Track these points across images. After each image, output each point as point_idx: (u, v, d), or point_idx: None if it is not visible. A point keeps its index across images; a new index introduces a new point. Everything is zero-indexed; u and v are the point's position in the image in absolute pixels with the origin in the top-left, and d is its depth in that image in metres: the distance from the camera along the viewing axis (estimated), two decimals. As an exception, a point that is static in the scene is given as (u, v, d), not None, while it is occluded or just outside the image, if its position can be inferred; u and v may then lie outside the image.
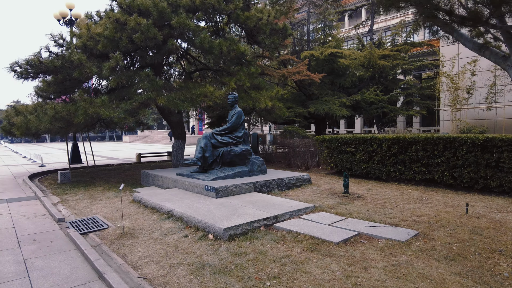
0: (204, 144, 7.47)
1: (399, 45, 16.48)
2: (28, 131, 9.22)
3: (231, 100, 7.96)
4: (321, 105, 13.37)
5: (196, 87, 9.34)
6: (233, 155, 7.41)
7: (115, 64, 8.26)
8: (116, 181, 9.38)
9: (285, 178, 7.36)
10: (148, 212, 5.64)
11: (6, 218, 5.50)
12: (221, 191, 6.13)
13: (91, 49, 9.04)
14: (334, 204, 5.98)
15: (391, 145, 8.34)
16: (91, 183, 9.10)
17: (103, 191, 7.89)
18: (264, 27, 10.80)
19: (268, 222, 4.73)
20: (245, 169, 7.48)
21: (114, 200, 6.88)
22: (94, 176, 10.66)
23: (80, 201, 6.88)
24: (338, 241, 4.00)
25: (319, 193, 7.00)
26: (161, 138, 45.31)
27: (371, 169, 8.83)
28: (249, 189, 6.60)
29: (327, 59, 14.73)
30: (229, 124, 7.74)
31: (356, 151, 9.09)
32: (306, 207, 5.39)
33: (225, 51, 9.60)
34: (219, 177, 6.96)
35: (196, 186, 6.60)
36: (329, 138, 9.64)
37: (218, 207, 5.34)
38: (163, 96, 8.30)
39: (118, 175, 10.66)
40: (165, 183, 7.72)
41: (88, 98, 7.89)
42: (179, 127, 11.90)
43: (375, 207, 5.78)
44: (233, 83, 9.64)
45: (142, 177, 8.78)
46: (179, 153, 11.87)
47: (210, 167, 7.55)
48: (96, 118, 8.02)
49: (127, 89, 9.26)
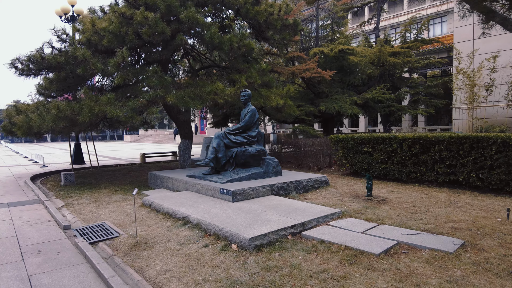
0: (217, 144, 7.06)
1: (409, 42, 16.04)
2: (30, 131, 8.81)
3: (244, 98, 7.54)
4: (331, 104, 12.95)
5: (205, 85, 8.93)
6: (248, 156, 6.99)
7: (122, 60, 7.84)
8: (122, 183, 8.96)
9: (302, 180, 6.95)
10: (161, 218, 5.23)
11: (8, 225, 5.08)
12: (238, 194, 5.71)
13: (96, 44, 8.62)
14: (360, 209, 5.57)
15: (412, 145, 7.92)
16: (96, 185, 8.68)
17: (109, 194, 7.48)
18: (275, 22, 10.38)
19: (295, 230, 4.32)
20: (260, 170, 7.06)
21: (122, 204, 6.47)
22: (98, 177, 10.25)
23: (86, 205, 6.46)
24: (378, 252, 3.58)
25: (340, 196, 6.58)
26: (163, 138, 44.91)
27: (390, 170, 8.41)
28: (266, 192, 6.18)
29: (336, 56, 14.30)
30: (243, 123, 7.32)
31: (374, 151, 8.67)
32: (332, 212, 4.98)
33: (235, 47, 9.18)
34: (234, 179, 6.55)
35: (210, 189, 6.18)
36: (344, 138, 9.22)
37: (237, 212, 4.93)
38: (172, 94, 7.88)
39: (124, 176, 10.25)
40: (175, 186, 7.30)
41: (94, 96, 7.47)
42: (186, 126, 11.48)
43: (404, 212, 5.36)
44: (244, 80, 9.22)
45: (150, 178, 8.36)
46: (186, 153, 11.46)
47: (223, 169, 7.13)
48: (102, 117, 7.60)
49: (133, 87, 8.84)
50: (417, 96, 23.97)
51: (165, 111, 12.52)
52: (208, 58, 11.40)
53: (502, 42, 11.77)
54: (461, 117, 12.56)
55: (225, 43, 8.98)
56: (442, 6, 35.37)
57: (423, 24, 15.92)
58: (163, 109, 11.46)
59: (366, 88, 16.05)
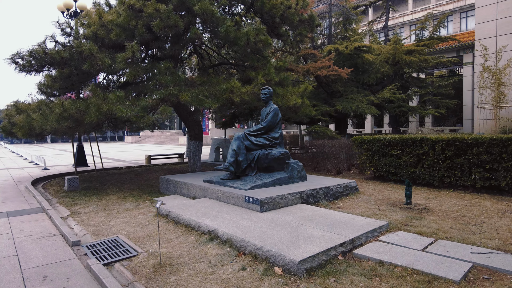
0: (237, 146, 6.42)
1: (425, 39, 15.43)
2: (31, 132, 8.17)
3: (265, 96, 6.91)
4: (347, 103, 12.32)
5: (219, 82, 8.31)
6: (271, 159, 6.36)
7: (131, 55, 7.22)
8: (131, 188, 8.32)
9: (332, 187, 6.31)
10: (182, 231, 4.59)
11: (7, 240, 4.44)
12: (266, 203, 5.08)
13: (103, 39, 7.99)
14: (405, 220, 4.94)
15: (446, 147, 7.30)
16: (103, 191, 8.04)
17: (118, 201, 6.84)
18: (291, 16, 9.77)
19: (345, 248, 3.68)
20: (284, 175, 6.43)
21: (134, 213, 5.83)
22: (104, 181, 9.60)
23: (94, 214, 5.82)
24: (458, 278, 2.95)
25: (375, 204, 5.95)
26: (165, 139, 44.26)
27: (420, 174, 7.79)
28: (295, 201, 5.55)
29: (350, 54, 13.69)
30: (265, 123, 6.69)
31: (402, 154, 8.04)
32: (380, 226, 4.34)
33: (252, 42, 8.57)
34: (258, 186, 5.91)
35: (232, 196, 5.54)
36: (370, 139, 8.60)
37: (271, 225, 4.30)
38: (187, 92, 7.25)
39: (131, 180, 9.60)
40: (191, 192, 6.67)
41: (101, 93, 6.83)
42: (196, 127, 10.85)
43: (456, 223, 4.73)
44: (261, 77, 8.59)
45: (162, 183, 7.72)
46: (196, 155, 10.83)
47: (243, 173, 6.50)
48: (110, 116, 6.97)
49: (142, 84, 8.22)
50: (428, 96, 23.37)
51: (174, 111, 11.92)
52: (220, 55, 10.78)
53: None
54: (485, 117, 11.94)
55: (241, 37, 8.37)
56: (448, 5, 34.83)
57: (439, 21, 15.31)
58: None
59: (380, 87, 15.44)
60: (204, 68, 9.94)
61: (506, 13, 12.01)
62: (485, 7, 12.49)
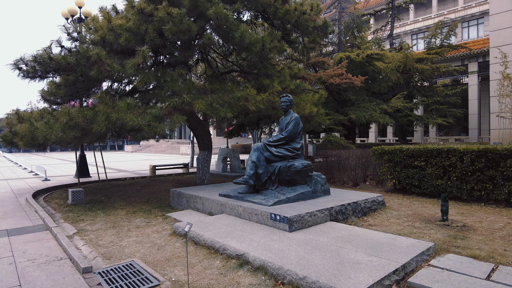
0: (257, 158, 5.97)
1: (436, 47, 15.15)
2: (34, 141, 7.71)
3: (285, 104, 6.49)
4: (360, 112, 11.94)
5: (233, 90, 7.91)
6: (294, 172, 5.90)
7: (142, 60, 6.82)
8: (139, 201, 7.83)
9: (360, 202, 5.85)
10: (204, 254, 4.10)
11: (9, 265, 3.94)
12: (295, 222, 4.61)
13: (111, 44, 7.61)
14: (448, 239, 4.47)
15: (476, 158, 6.87)
16: (109, 204, 7.55)
17: (127, 216, 6.34)
18: (306, 22, 9.45)
19: (397, 276, 3.21)
20: (308, 189, 5.97)
21: (146, 230, 5.33)
22: (109, 193, 9.10)
23: (103, 232, 5.32)
24: (549, 320, 2.48)
25: (408, 221, 5.48)
26: (165, 148, 43.77)
27: (446, 186, 7.34)
28: (324, 218, 5.08)
29: (361, 62, 13.36)
30: (286, 133, 6.25)
31: (427, 165, 7.60)
32: (426, 247, 3.87)
33: (267, 48, 8.20)
34: (281, 201, 5.45)
35: (255, 213, 5.07)
36: (391, 150, 8.16)
37: (306, 248, 3.82)
38: (202, 100, 6.83)
39: (138, 193, 9.11)
40: (206, 207, 6.18)
41: (110, 101, 6.40)
42: (205, 136, 10.41)
43: (509, 244, 4.27)
44: (277, 84, 8.20)
45: (173, 197, 7.24)
46: (205, 166, 10.36)
47: (263, 186, 6.04)
48: (120, 125, 6.52)
49: (153, 92, 7.81)
50: (435, 105, 23.04)
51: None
52: (230, 62, 10.41)
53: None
54: (504, 126, 11.57)
55: (256, 43, 8.02)
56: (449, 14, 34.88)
57: (450, 28, 15.07)
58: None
59: (391, 96, 15.10)
60: (215, 76, 9.54)
61: (522, 20, 11.74)
62: (501, 14, 12.23)
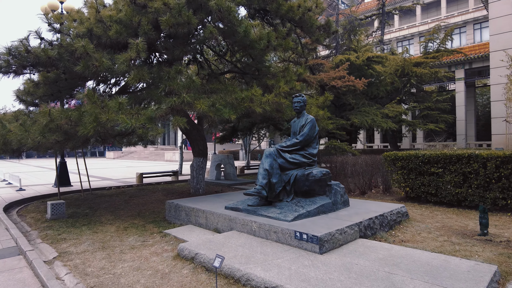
0: (269, 165, 5.24)
1: (433, 52, 14.95)
2: (7, 147, 6.73)
3: (299, 105, 5.80)
4: (362, 117, 11.44)
5: (235, 90, 7.19)
6: (312, 181, 5.20)
7: (136, 54, 6.01)
8: (129, 214, 6.92)
9: (386, 214, 5.20)
10: (222, 286, 3.32)
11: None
12: (326, 242, 3.89)
13: (99, 37, 6.76)
14: (503, 259, 3.86)
15: (502, 165, 6.38)
16: (95, 219, 6.61)
17: (118, 234, 5.45)
18: (311, 20, 8.86)
19: (480, 317, 2.54)
20: (328, 201, 5.27)
21: (143, 252, 4.48)
22: (94, 205, 8.13)
23: (91, 254, 4.44)
24: None
25: (441, 235, 4.87)
26: (149, 154, 42.31)
27: (467, 195, 6.82)
28: (354, 235, 4.39)
29: (360, 65, 12.92)
30: (301, 137, 5.55)
31: (445, 172, 7.07)
32: (492, 272, 3.23)
33: (272, 46, 7.55)
34: (301, 215, 4.73)
35: (274, 231, 4.32)
36: (405, 156, 7.61)
37: (350, 276, 3.11)
38: (204, 100, 6.06)
39: (126, 204, 8.17)
40: (210, 222, 5.38)
41: (99, 100, 5.54)
42: (200, 141, 9.62)
43: None
44: (284, 84, 7.53)
45: (169, 210, 6.38)
46: (200, 174, 9.55)
47: (277, 198, 5.30)
48: (110, 128, 5.66)
49: (147, 91, 6.97)
50: (426, 111, 22.98)
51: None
52: (228, 61, 9.68)
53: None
54: (502, 131, 11.35)
55: (261, 40, 7.35)
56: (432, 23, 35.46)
57: (447, 33, 14.91)
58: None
59: (388, 100, 14.74)
60: (213, 76, 8.79)
61: (523, 24, 11.61)
62: (500, 18, 12.08)
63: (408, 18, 39.67)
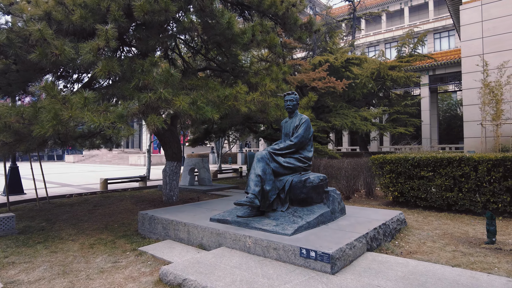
0: (262, 170, 4.64)
1: (406, 56, 15.17)
2: None
3: (291, 104, 5.28)
4: (341, 119, 11.19)
5: (217, 88, 6.53)
6: (310, 188, 4.67)
7: (105, 43, 5.18)
8: (95, 228, 6.00)
9: (388, 223, 4.80)
10: (222, 321, 2.66)
11: None
12: (338, 259, 3.36)
13: (60, 22, 5.84)
14: (523, 273, 3.55)
15: (493, 167, 6.26)
16: (54, 234, 5.64)
17: (82, 253, 4.58)
18: (294, 16, 8.43)
19: None
20: (326, 209, 4.77)
21: (116, 277, 3.70)
22: (52, 217, 7.07)
23: (48, 284, 3.58)
24: None
25: (448, 244, 4.53)
26: (111, 158, 40.07)
27: (457, 199, 6.65)
28: (362, 249, 3.91)
29: (338, 67, 12.74)
30: (296, 139, 5.02)
31: (435, 176, 6.88)
32: (529, 292, 2.86)
33: (256, 40, 6.99)
34: (301, 227, 4.17)
35: (273, 247, 3.72)
36: (394, 159, 7.34)
37: (380, 305, 2.59)
38: (184, 97, 5.35)
39: (90, 215, 7.19)
40: (193, 237, 4.67)
41: (60, 94, 4.66)
42: (174, 144, 8.82)
43: None
44: (269, 81, 6.99)
45: (142, 222, 5.57)
46: (173, 180, 8.73)
47: (270, 208, 4.72)
48: (72, 128, 4.78)
49: (115, 85, 6.11)
50: (396, 115, 23.53)
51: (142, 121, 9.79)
52: (206, 58, 8.98)
53: None
54: (475, 135, 11.62)
55: (243, 34, 6.78)
56: (397, 31, 36.81)
57: (419, 38, 15.21)
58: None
59: (364, 103, 14.72)
60: (191, 72, 8.05)
61: (492, 32, 11.99)
62: (471, 25, 12.42)
63: (373, 26, 41.01)
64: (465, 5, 12.69)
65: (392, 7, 38.69)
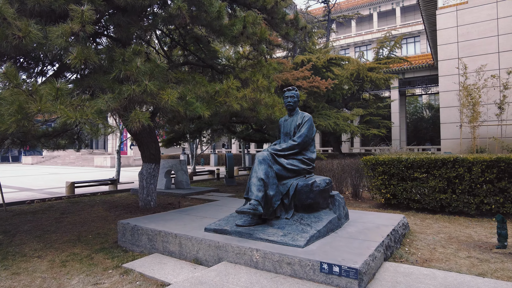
0: (265, 173, 4.17)
1: (384, 58, 15.34)
2: None
3: (292, 101, 4.85)
4: (325, 120, 10.97)
5: (205, 83, 5.98)
6: (317, 193, 4.26)
7: (80, 27, 4.47)
8: (65, 240, 5.21)
9: (397, 228, 4.50)
10: None
11: None
12: (364, 274, 2.96)
13: (22, 1, 5.00)
14: (550, 281, 3.35)
15: (487, 169, 6.22)
16: (14, 250, 4.80)
17: (53, 273, 3.85)
18: (280, 10, 8.08)
19: None
20: (333, 215, 4.39)
21: (98, 304, 3.05)
22: (11, 227, 6.13)
23: (11, 316, 2.87)
24: None
25: (460, 250, 4.31)
26: (75, 159, 37.68)
27: (451, 200, 6.56)
28: (381, 258, 3.55)
29: (321, 67, 12.55)
30: (299, 139, 4.59)
31: (429, 178, 6.75)
32: None
33: (248, 33, 6.51)
34: (313, 237, 3.74)
35: (287, 261, 3.26)
36: (387, 161, 7.14)
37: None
38: (172, 91, 4.75)
39: (58, 223, 6.33)
40: (187, 250, 4.09)
41: (25, 83, 3.91)
42: (152, 144, 8.11)
43: None
44: (261, 77, 6.52)
45: (122, 232, 4.88)
46: (150, 184, 8.04)
47: (273, 215, 4.25)
48: (43, 123, 4.04)
49: (92, 77, 5.36)
50: (369, 116, 23.96)
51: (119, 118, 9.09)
52: (189, 51, 8.35)
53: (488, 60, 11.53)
54: (451, 136, 11.90)
55: (232, 26, 6.29)
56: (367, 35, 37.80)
57: (396, 41, 15.45)
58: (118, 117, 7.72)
59: (343, 104, 14.68)
60: (174, 66, 7.40)
61: (466, 37, 12.35)
62: (447, 29, 12.72)
63: (343, 29, 41.90)
64: (441, 10, 12.99)
65: (363, 11, 39.65)
